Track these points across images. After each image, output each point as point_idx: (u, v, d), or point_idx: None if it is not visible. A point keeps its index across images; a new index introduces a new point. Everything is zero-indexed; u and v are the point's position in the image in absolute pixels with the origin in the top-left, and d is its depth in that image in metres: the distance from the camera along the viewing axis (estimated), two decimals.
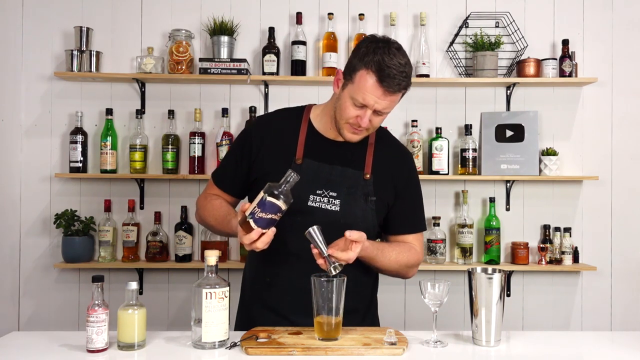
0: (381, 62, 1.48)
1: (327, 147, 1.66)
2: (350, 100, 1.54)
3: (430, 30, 2.96)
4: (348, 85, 1.55)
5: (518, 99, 2.96)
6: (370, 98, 1.51)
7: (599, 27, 2.97)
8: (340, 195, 1.61)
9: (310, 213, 1.59)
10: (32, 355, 1.39)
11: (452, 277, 2.84)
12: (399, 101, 1.58)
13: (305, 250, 1.49)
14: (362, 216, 1.62)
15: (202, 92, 2.93)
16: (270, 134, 1.68)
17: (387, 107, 1.54)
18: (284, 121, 1.71)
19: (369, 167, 1.65)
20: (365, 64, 1.50)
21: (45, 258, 2.87)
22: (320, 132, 1.68)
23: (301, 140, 1.65)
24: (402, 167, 1.72)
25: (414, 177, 1.75)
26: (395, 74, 1.49)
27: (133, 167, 2.82)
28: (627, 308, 2.95)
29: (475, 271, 1.50)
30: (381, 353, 1.37)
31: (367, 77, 1.50)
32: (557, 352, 1.46)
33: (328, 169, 1.63)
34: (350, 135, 1.60)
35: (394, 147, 1.76)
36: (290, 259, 1.62)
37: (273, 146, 1.66)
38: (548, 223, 2.90)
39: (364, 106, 1.53)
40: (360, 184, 1.63)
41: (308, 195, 1.60)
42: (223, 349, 1.41)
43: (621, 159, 2.96)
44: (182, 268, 2.85)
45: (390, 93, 1.51)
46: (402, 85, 1.52)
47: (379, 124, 1.61)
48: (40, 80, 2.89)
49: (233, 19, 2.89)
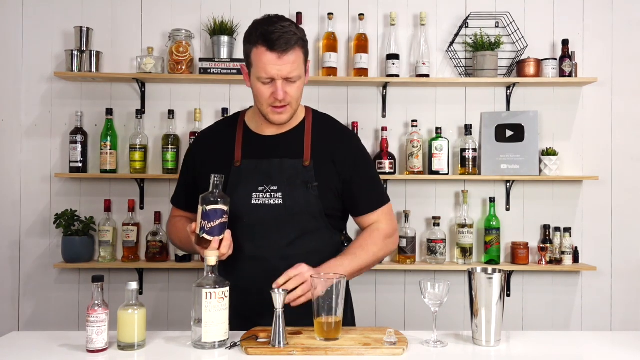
0: (264, 32, 1.55)
1: (264, 143, 1.69)
2: (258, 81, 1.58)
3: (430, 30, 2.96)
4: (251, 70, 1.60)
5: (518, 99, 2.96)
6: (270, 68, 1.54)
7: (599, 27, 2.97)
8: (281, 188, 1.63)
9: (255, 211, 1.62)
10: (32, 355, 1.40)
11: (452, 277, 2.84)
12: (305, 63, 1.61)
13: (260, 250, 1.58)
14: (305, 203, 1.63)
15: (202, 92, 2.93)
16: (209, 146, 1.74)
17: (292, 71, 1.56)
18: (221, 130, 1.77)
19: (307, 154, 1.66)
20: (252, 42, 1.57)
21: (45, 258, 2.87)
22: (256, 131, 1.71)
23: (238, 144, 1.69)
24: (343, 149, 1.71)
25: (360, 157, 1.74)
26: (280, 35, 1.53)
27: (133, 167, 2.82)
28: (627, 308, 2.95)
29: (475, 271, 1.50)
30: (381, 353, 1.37)
31: (258, 52, 1.55)
32: (557, 352, 1.46)
33: (267, 164, 1.65)
34: (277, 116, 1.62)
35: (334, 130, 1.75)
36: (248, 262, 1.64)
37: (214, 156, 1.71)
38: (548, 223, 2.90)
39: (271, 80, 1.56)
40: (299, 172, 1.63)
41: (250, 194, 1.63)
42: (223, 349, 1.40)
43: (621, 159, 2.96)
44: (182, 268, 2.85)
45: (284, 53, 1.54)
46: (292, 42, 1.55)
47: (297, 93, 1.61)
48: (40, 80, 2.89)
49: (233, 19, 2.89)
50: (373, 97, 2.95)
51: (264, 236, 1.63)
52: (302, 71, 1.60)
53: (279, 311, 1.38)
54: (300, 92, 1.63)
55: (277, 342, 1.38)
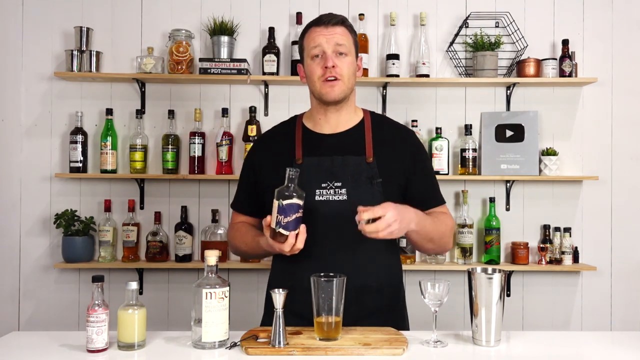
0: (314, 19, 1.67)
1: (324, 141, 1.69)
2: (310, 60, 1.64)
3: (430, 30, 2.96)
4: (304, 57, 1.67)
5: (518, 99, 2.96)
6: (319, 38, 1.61)
7: (599, 27, 2.97)
8: (345, 184, 1.62)
9: (319, 208, 1.61)
10: (32, 355, 1.40)
11: (452, 277, 2.83)
12: (354, 45, 1.66)
13: (322, 249, 1.57)
14: (370, 200, 1.60)
15: (202, 92, 2.93)
16: (269, 147, 1.76)
17: (340, 41, 1.62)
18: (279, 132, 1.79)
19: (369, 151, 1.66)
20: (303, 33, 1.68)
21: (45, 258, 2.87)
22: (314, 130, 1.72)
23: (298, 142, 1.70)
24: (404, 144, 1.72)
25: (421, 152, 1.76)
26: (326, 15, 1.65)
27: (133, 167, 2.82)
28: (627, 308, 2.95)
29: (475, 271, 1.50)
30: (381, 353, 1.37)
31: (309, 32, 1.65)
32: (557, 352, 1.45)
33: (329, 161, 1.65)
34: (329, 89, 1.63)
35: (393, 127, 1.77)
36: (309, 259, 1.61)
37: (274, 156, 1.71)
38: (548, 223, 2.90)
39: (321, 52, 1.61)
40: (363, 168, 1.63)
41: (314, 190, 1.62)
42: (223, 349, 1.41)
43: (621, 159, 2.96)
44: (182, 268, 2.85)
45: (331, 25, 1.62)
46: (338, 18, 1.64)
47: (348, 69, 1.64)
48: (40, 80, 2.89)
49: (233, 19, 2.89)
50: (373, 97, 2.95)
51: (327, 233, 1.61)
52: (351, 49, 1.65)
53: (279, 311, 1.38)
54: (352, 71, 1.65)
55: (277, 342, 1.38)
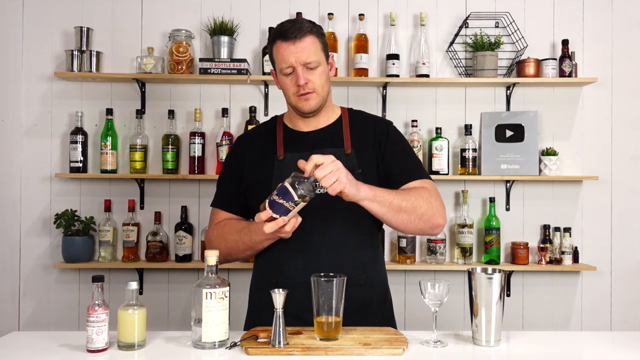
0: (278, 29, 1.64)
1: (305, 138, 1.72)
2: (282, 75, 1.64)
3: (430, 30, 2.96)
4: (276, 68, 1.67)
5: (518, 99, 2.96)
6: (287, 56, 1.60)
7: (599, 27, 2.97)
8: None
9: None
10: (32, 355, 1.39)
11: (452, 277, 2.84)
12: (324, 51, 1.64)
13: (306, 244, 1.56)
14: None
15: (202, 92, 2.93)
16: (251, 144, 1.79)
17: (309, 56, 1.60)
18: (261, 130, 1.83)
19: (348, 142, 1.69)
20: (271, 42, 1.67)
21: (45, 258, 2.87)
22: (295, 128, 1.75)
23: (279, 140, 1.73)
24: (373, 132, 1.73)
25: (389, 135, 1.74)
26: (290, 25, 1.61)
27: (133, 167, 2.82)
28: (627, 308, 2.95)
29: (475, 271, 1.50)
30: (381, 353, 1.37)
31: (276, 46, 1.63)
32: (557, 352, 1.45)
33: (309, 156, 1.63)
34: (304, 103, 1.64)
35: (369, 119, 1.80)
36: (292, 256, 1.63)
37: (256, 153, 1.74)
38: (548, 223, 2.90)
39: (292, 69, 1.61)
40: (342, 160, 1.59)
41: None
42: (223, 349, 1.40)
43: (621, 159, 2.96)
44: (182, 268, 2.85)
45: (298, 40, 1.59)
46: (304, 28, 1.61)
47: (320, 80, 1.64)
48: (40, 80, 2.89)
49: (233, 19, 2.89)
50: (373, 97, 2.95)
51: (311, 227, 1.61)
52: (320, 58, 1.63)
53: (279, 311, 1.38)
54: (324, 80, 1.65)
55: (277, 342, 1.38)
